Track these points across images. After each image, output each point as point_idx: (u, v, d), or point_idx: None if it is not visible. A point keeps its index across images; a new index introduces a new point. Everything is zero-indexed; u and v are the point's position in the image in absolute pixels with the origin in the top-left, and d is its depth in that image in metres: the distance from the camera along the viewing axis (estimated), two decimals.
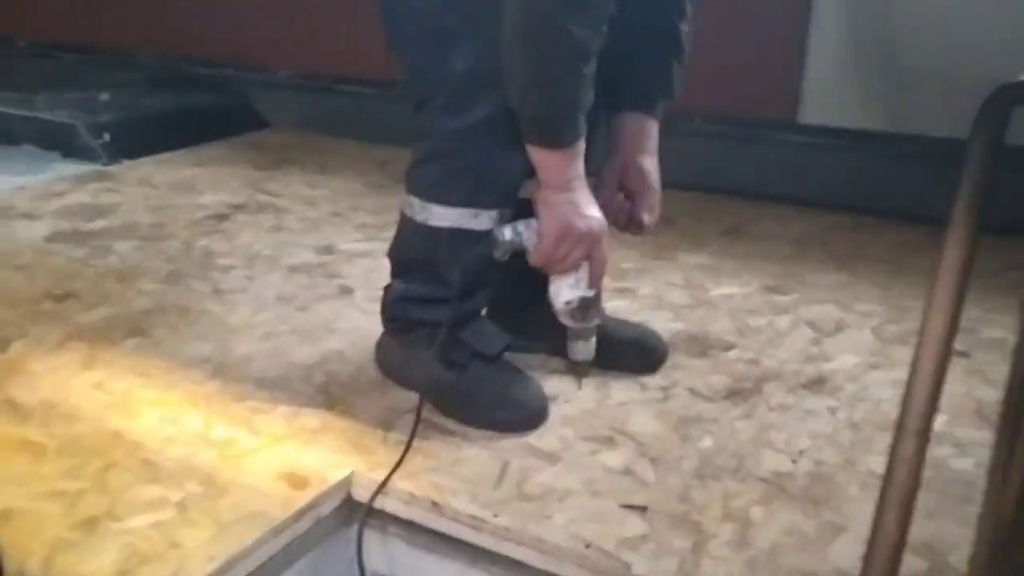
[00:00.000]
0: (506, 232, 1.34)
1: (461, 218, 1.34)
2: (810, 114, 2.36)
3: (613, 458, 1.32)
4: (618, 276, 1.95)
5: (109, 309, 1.78)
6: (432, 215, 1.35)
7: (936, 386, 0.68)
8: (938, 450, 1.34)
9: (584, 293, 1.39)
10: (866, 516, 1.20)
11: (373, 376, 1.54)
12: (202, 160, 2.86)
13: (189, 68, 3.38)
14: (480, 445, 1.35)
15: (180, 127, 3.04)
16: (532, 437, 1.37)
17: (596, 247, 1.34)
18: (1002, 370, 1.63)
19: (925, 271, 2.09)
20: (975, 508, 1.21)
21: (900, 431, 0.70)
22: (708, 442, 1.36)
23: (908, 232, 2.22)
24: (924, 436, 0.68)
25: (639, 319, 1.67)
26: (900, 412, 0.70)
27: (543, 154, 1.26)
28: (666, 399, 1.48)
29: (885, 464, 1.28)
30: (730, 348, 1.64)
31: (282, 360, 1.60)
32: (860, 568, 0.75)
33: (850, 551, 1.14)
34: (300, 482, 1.26)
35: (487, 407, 1.38)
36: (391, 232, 1.48)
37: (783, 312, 1.79)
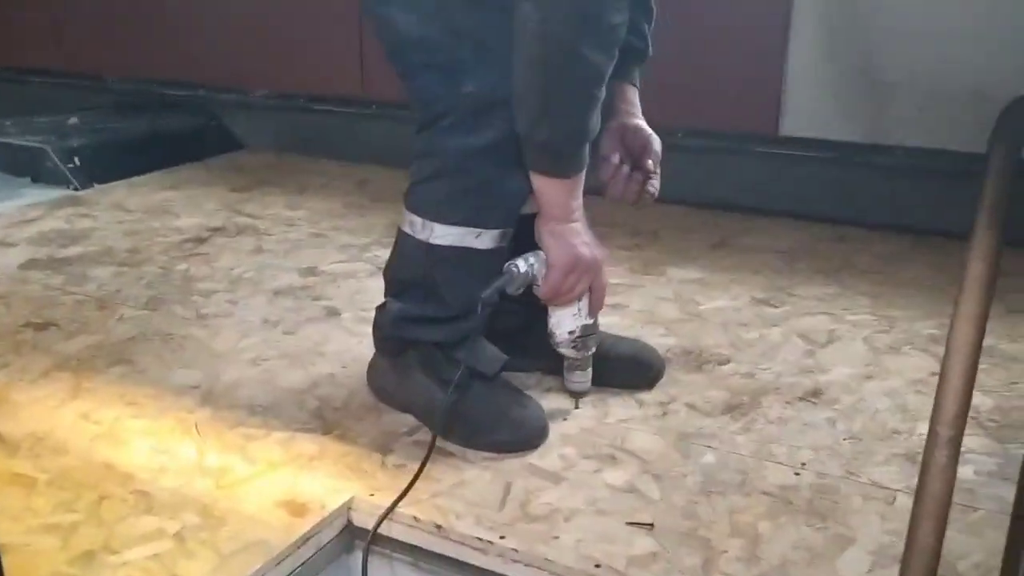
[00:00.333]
0: (520, 265, 1.33)
1: (463, 237, 1.32)
2: (791, 127, 2.38)
3: (616, 476, 1.31)
4: (609, 292, 1.92)
5: (91, 337, 1.75)
6: (434, 233, 1.33)
7: (966, 395, 0.68)
8: None
9: (585, 322, 1.39)
10: (872, 528, 1.21)
11: (367, 399, 1.51)
12: (176, 183, 2.82)
13: (160, 90, 3.34)
14: (482, 467, 1.33)
15: (152, 150, 3.01)
16: (534, 457, 1.35)
17: (598, 276, 1.36)
18: (996, 378, 1.65)
19: (912, 281, 2.11)
20: (979, 515, 1.23)
21: (931, 441, 0.69)
22: (710, 457, 1.36)
23: (892, 242, 2.24)
24: (956, 445, 0.68)
25: (632, 335, 1.67)
26: (930, 422, 0.70)
27: (549, 183, 1.27)
28: (665, 415, 1.47)
29: (887, 474, 1.29)
30: (725, 362, 1.64)
31: (272, 385, 1.57)
32: None
33: (859, 563, 1.14)
34: (299, 509, 1.24)
35: (487, 428, 1.37)
36: (374, 252, 1.47)
37: (775, 324, 1.79)
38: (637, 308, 1.87)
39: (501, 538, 1.18)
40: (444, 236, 1.33)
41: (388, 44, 1.33)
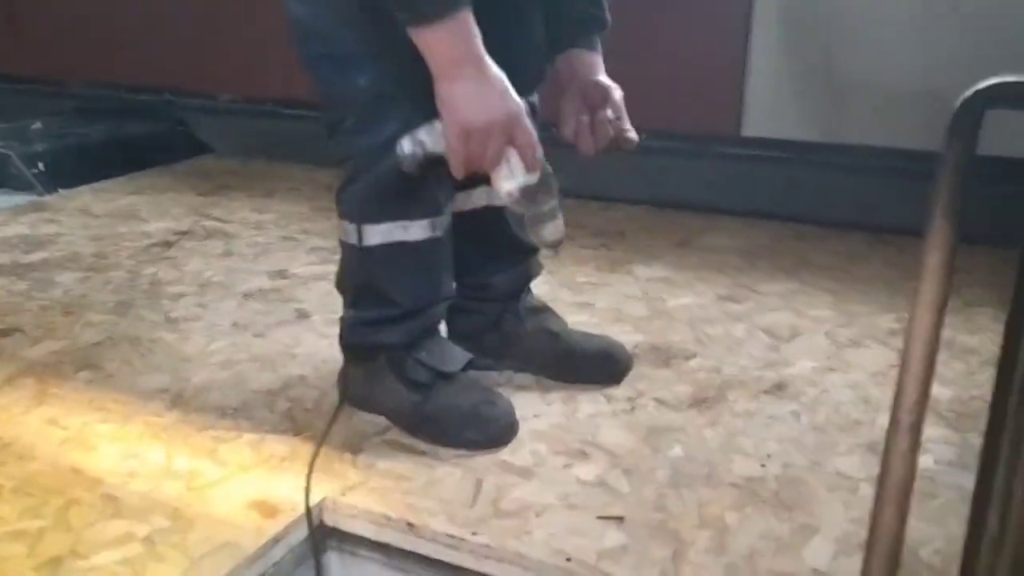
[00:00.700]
0: (405, 145, 1.23)
1: (392, 232, 1.33)
2: (753, 127, 2.42)
3: (586, 471, 1.32)
4: (576, 290, 1.96)
5: (57, 343, 1.73)
6: (365, 235, 1.35)
7: (926, 382, 0.70)
8: None
9: (523, 181, 1.23)
10: (837, 516, 1.23)
11: (337, 400, 1.51)
12: (142, 188, 2.80)
13: (124, 95, 3.31)
14: (452, 464, 1.34)
15: (117, 155, 2.98)
16: (504, 454, 1.36)
17: (516, 131, 1.18)
18: (954, 369, 1.68)
19: (870, 277, 2.15)
20: (939, 503, 1.26)
21: (893, 426, 0.71)
22: (678, 451, 1.38)
23: (850, 239, 2.28)
24: (917, 430, 0.70)
25: (600, 332, 1.68)
26: (892, 408, 0.72)
27: (422, 35, 1.13)
28: (633, 410, 1.49)
29: (850, 464, 1.32)
30: (691, 357, 1.66)
31: (243, 388, 1.57)
32: (861, 566, 0.77)
33: (824, 551, 1.16)
34: (270, 510, 1.24)
35: (456, 427, 1.38)
36: None
37: (739, 320, 1.82)
38: (604, 306, 1.89)
39: (473, 534, 1.18)
40: (374, 236, 1.34)
41: (293, 36, 1.32)
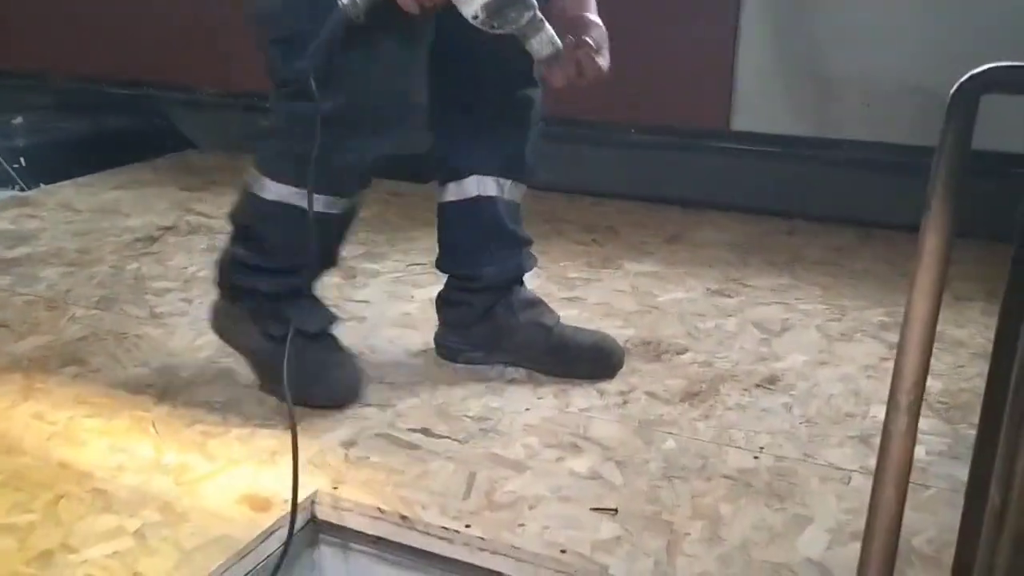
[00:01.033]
0: None
1: (290, 195, 1.36)
2: (742, 122, 2.42)
3: (579, 464, 1.32)
4: (567, 286, 1.96)
5: (42, 338, 1.71)
6: (264, 188, 1.37)
7: (924, 363, 0.70)
8: None
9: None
10: (830, 507, 1.24)
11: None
12: (124, 183, 2.77)
13: (105, 89, 3.28)
14: (445, 457, 1.33)
15: (99, 150, 2.96)
16: (497, 447, 1.36)
17: None
18: (944, 362, 1.69)
19: (861, 271, 2.15)
20: (931, 493, 1.27)
21: (891, 407, 0.71)
22: (671, 444, 1.37)
23: (840, 234, 2.29)
24: (915, 411, 0.70)
25: (591, 327, 1.68)
26: (890, 390, 0.72)
27: None
28: (626, 404, 1.48)
29: (842, 455, 1.32)
30: (683, 351, 1.66)
31: (231, 382, 1.55)
32: (861, 548, 0.77)
33: (817, 541, 1.17)
34: (262, 504, 1.23)
35: (304, 385, 1.39)
36: None
37: (730, 315, 1.82)
38: (595, 301, 1.89)
39: (467, 527, 1.18)
40: (271, 191, 1.37)
41: (247, 21, 1.35)
